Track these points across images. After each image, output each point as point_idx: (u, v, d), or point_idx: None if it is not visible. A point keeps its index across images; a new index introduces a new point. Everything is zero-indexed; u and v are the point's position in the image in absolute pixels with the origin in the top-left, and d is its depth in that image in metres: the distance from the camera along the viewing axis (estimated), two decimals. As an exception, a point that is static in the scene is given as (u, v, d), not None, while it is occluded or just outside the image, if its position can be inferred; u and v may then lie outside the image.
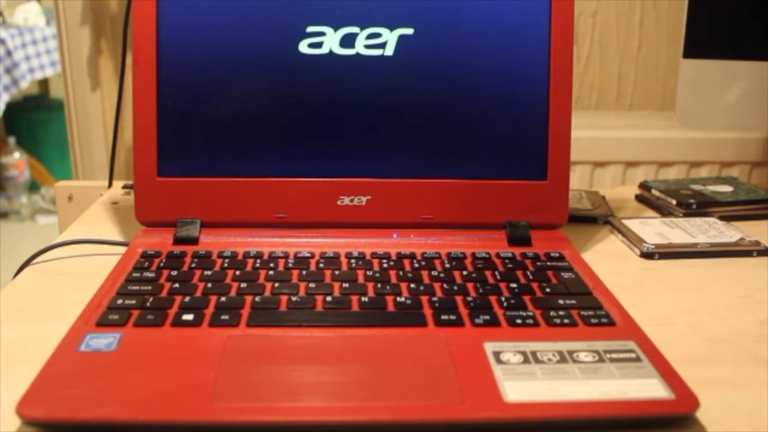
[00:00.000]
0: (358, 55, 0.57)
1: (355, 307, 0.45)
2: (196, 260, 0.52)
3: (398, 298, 0.46)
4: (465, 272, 0.51)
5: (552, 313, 0.45)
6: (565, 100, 0.58)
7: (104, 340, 0.40)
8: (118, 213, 0.68)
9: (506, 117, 0.58)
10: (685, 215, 0.69)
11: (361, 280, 0.49)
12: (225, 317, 0.43)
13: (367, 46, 0.57)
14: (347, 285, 0.48)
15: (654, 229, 0.63)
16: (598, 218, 0.68)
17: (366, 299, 0.46)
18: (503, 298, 0.47)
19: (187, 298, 0.46)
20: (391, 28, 0.57)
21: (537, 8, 0.57)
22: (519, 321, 0.44)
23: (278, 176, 0.57)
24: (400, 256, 0.53)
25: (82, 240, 0.59)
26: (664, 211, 0.72)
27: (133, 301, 0.45)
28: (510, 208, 0.58)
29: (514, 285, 0.49)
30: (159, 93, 0.56)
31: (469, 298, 0.47)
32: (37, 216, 2.64)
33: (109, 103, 1.19)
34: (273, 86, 0.57)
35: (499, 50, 0.57)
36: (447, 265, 0.52)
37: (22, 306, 0.49)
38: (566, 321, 0.44)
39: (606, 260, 0.59)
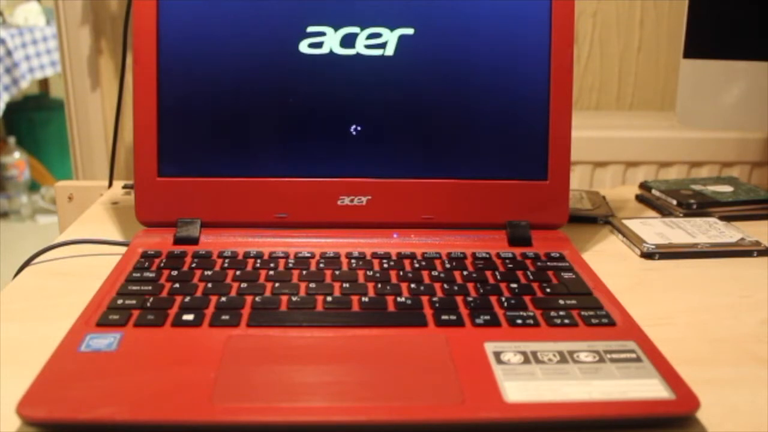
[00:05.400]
0: (358, 55, 0.57)
1: (355, 307, 0.45)
2: (196, 260, 0.52)
3: (398, 298, 0.46)
4: (465, 272, 0.51)
5: (552, 314, 0.45)
6: (565, 100, 0.58)
7: (104, 340, 0.40)
8: (118, 213, 0.68)
9: (506, 117, 0.58)
10: (686, 215, 0.69)
11: (361, 280, 0.49)
12: (225, 317, 0.43)
13: (368, 46, 0.57)
14: (347, 285, 0.48)
15: (654, 229, 0.63)
16: (599, 218, 0.67)
17: (366, 299, 0.46)
18: (503, 299, 0.47)
19: (187, 298, 0.46)
20: (392, 28, 0.57)
21: (537, 8, 0.57)
22: (519, 321, 0.44)
23: (278, 176, 0.57)
24: (401, 256, 0.53)
25: (82, 240, 0.59)
26: (664, 211, 0.72)
27: (134, 301, 0.45)
28: (510, 208, 0.58)
29: (514, 285, 0.49)
30: (159, 93, 0.56)
31: (470, 298, 0.47)
32: (37, 216, 2.64)
33: (109, 103, 1.19)
34: (273, 86, 0.57)
35: (499, 50, 0.57)
36: (447, 266, 0.52)
37: (22, 306, 0.49)
38: (567, 321, 0.44)
39: (606, 260, 0.59)
